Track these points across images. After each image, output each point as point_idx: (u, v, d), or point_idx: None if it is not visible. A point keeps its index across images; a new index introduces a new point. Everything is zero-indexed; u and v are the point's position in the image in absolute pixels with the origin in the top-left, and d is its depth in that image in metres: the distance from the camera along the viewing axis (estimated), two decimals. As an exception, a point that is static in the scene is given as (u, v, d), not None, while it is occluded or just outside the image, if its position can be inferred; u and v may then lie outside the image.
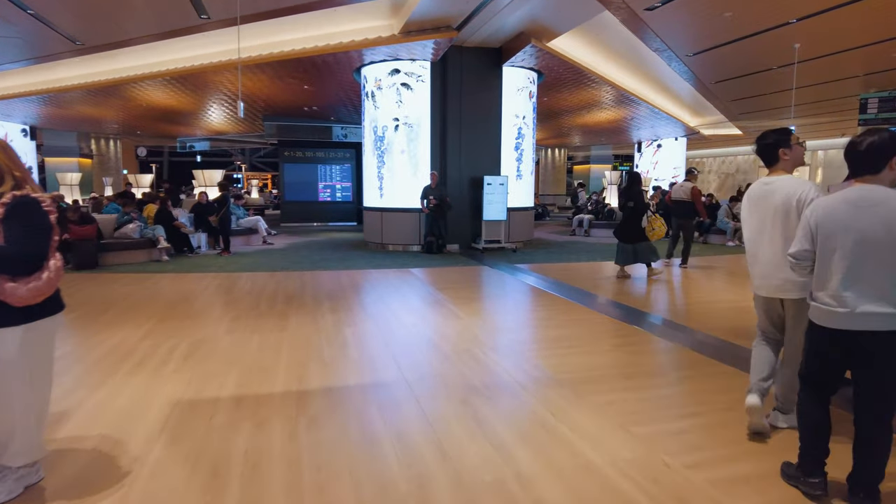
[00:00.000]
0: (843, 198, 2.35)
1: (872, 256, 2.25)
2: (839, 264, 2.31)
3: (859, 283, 2.27)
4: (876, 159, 2.32)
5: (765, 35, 10.91)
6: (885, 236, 2.23)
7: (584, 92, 15.85)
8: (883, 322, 2.23)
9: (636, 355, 4.71)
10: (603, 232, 15.48)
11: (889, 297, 2.23)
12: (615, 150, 31.10)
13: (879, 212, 2.25)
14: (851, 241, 2.28)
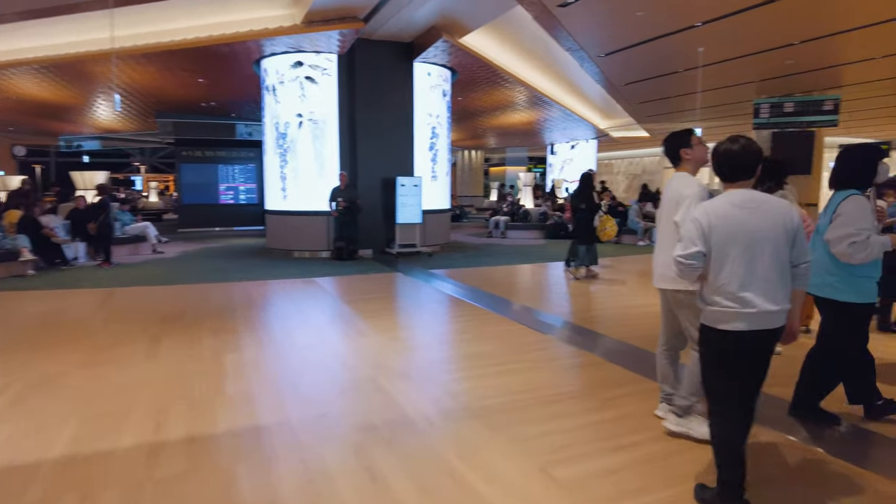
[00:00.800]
0: (730, 201, 2.40)
1: (764, 256, 2.31)
2: (736, 265, 2.33)
3: (757, 282, 2.31)
4: (753, 166, 2.43)
5: (672, 37, 11.01)
6: (772, 235, 2.32)
7: (498, 92, 15.60)
8: (779, 318, 2.34)
9: (560, 373, 4.26)
10: (519, 234, 15.30)
11: (780, 295, 2.33)
12: (530, 153, 31.45)
13: (763, 212, 2.34)
14: (745, 242, 2.33)
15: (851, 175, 3.17)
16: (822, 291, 3.21)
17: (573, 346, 5.00)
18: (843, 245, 3.00)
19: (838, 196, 3.17)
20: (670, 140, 3.19)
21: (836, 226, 3.08)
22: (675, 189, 3.05)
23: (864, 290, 3.10)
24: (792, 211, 2.36)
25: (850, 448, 3.07)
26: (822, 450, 2.99)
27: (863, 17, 9.99)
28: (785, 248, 2.32)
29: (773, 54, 12.38)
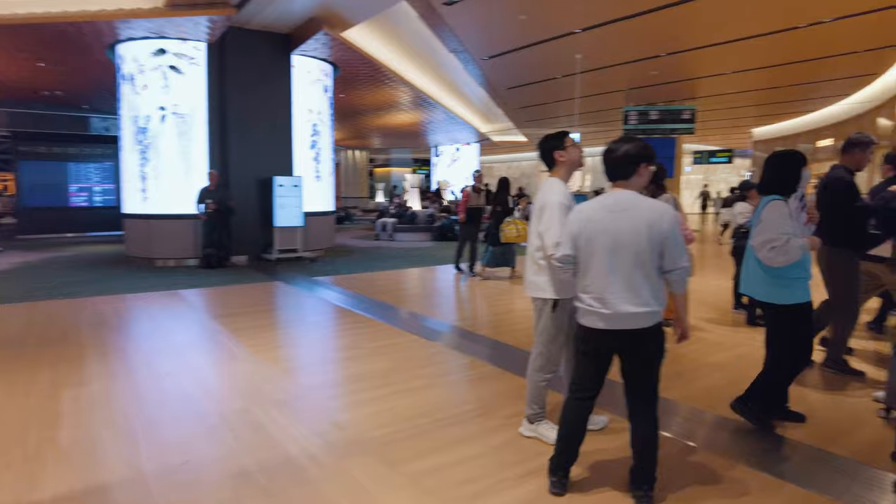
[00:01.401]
0: (601, 204, 2.46)
1: (627, 258, 2.35)
2: (599, 267, 2.41)
3: (617, 284, 2.36)
4: (628, 165, 2.45)
5: (553, 43, 11.28)
6: (634, 238, 2.34)
7: (382, 91, 15.20)
8: (641, 320, 2.36)
9: (458, 389, 3.98)
10: (407, 236, 15.02)
11: (643, 297, 2.35)
12: (415, 154, 31.34)
13: (629, 216, 2.37)
14: (608, 245, 2.38)
15: (778, 181, 3.24)
16: (761, 296, 3.27)
17: (469, 355, 4.75)
18: (765, 250, 3.07)
19: (763, 201, 3.23)
20: (544, 142, 3.10)
21: (757, 232, 3.16)
22: (542, 196, 3.02)
23: (798, 291, 3.17)
24: (663, 216, 2.34)
25: (799, 468, 3.07)
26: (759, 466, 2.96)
27: (717, 35, 10.85)
28: (650, 252, 2.33)
29: (641, 64, 13.14)
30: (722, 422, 3.43)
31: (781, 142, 21.34)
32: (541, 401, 3.15)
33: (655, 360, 2.44)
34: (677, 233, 2.35)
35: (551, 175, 3.11)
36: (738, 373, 4.38)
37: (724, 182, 33.32)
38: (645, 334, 2.38)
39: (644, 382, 2.46)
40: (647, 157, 2.47)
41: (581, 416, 2.57)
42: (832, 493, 2.61)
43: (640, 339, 2.38)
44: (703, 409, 3.62)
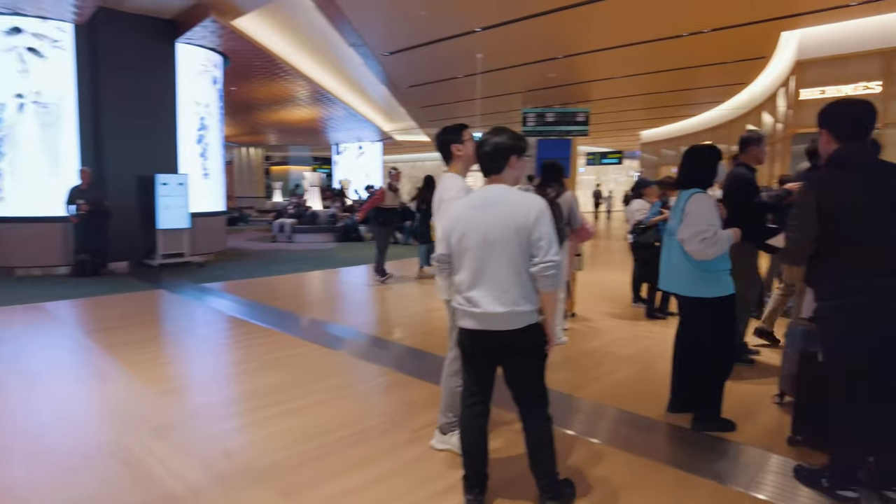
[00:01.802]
0: (470, 201, 2.38)
1: (494, 256, 2.26)
2: (469, 266, 2.31)
3: (486, 283, 2.28)
4: (498, 159, 2.36)
5: (454, 41, 11.22)
6: (502, 235, 2.24)
7: (277, 84, 14.49)
8: (511, 321, 2.25)
9: (364, 402, 3.71)
10: (307, 237, 14.41)
11: (512, 296, 2.25)
12: (315, 152, 30.40)
13: (497, 212, 2.27)
14: (476, 243, 2.28)
15: (697, 175, 3.26)
16: (686, 291, 3.23)
17: (376, 363, 4.49)
18: (695, 242, 3.04)
19: (684, 195, 3.23)
20: (442, 135, 2.98)
21: (685, 225, 3.11)
22: (439, 193, 2.91)
23: (723, 283, 3.18)
24: (530, 209, 2.24)
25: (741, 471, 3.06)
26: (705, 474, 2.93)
27: (608, 40, 11.31)
28: (518, 249, 2.24)
29: (539, 66, 13.44)
30: (629, 418, 3.43)
31: (666, 144, 22.84)
32: (456, 408, 2.95)
33: (533, 361, 2.35)
34: (546, 225, 2.24)
35: (449, 170, 2.98)
36: (644, 366, 4.46)
37: (614, 182, 35.32)
38: (518, 335, 2.27)
39: (527, 383, 2.37)
40: (517, 148, 2.37)
41: (476, 426, 2.42)
42: (738, 482, 2.64)
43: (514, 341, 2.28)
44: (612, 406, 3.60)
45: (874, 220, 2.32)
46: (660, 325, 5.91)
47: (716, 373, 3.24)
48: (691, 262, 3.15)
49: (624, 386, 4.03)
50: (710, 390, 3.24)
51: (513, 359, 2.34)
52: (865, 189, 2.35)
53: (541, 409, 2.37)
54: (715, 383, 3.25)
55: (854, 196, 2.36)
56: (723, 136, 18.26)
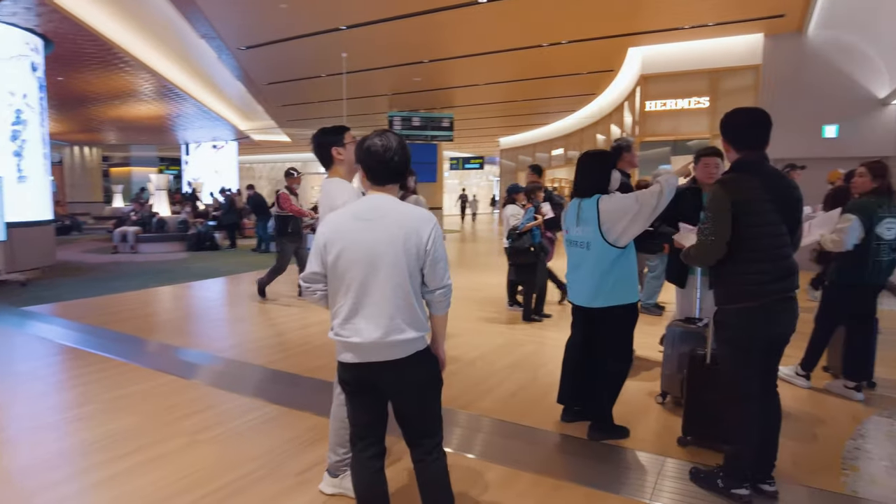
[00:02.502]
0: (354, 212, 2.02)
1: (380, 277, 1.93)
2: (348, 288, 1.97)
3: (367, 308, 1.95)
4: (405, 170, 2.10)
5: (317, 38, 10.70)
6: (391, 252, 1.93)
7: (116, 76, 12.89)
8: (397, 350, 1.96)
9: (235, 444, 3.21)
10: (154, 247, 12.95)
11: (396, 322, 1.94)
12: (161, 152, 27.74)
13: (384, 225, 1.95)
14: (358, 260, 1.95)
15: (599, 182, 3.16)
16: (605, 301, 3.10)
17: (245, 394, 3.97)
18: (654, 204, 2.96)
19: (589, 203, 3.11)
20: (320, 136, 2.70)
21: (622, 209, 3.00)
22: (326, 200, 2.57)
23: (633, 290, 3.13)
24: (423, 227, 1.95)
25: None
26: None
27: (470, 47, 11.49)
28: (406, 269, 1.94)
29: (406, 69, 13.33)
30: (529, 433, 3.32)
31: (523, 150, 23.94)
32: (348, 443, 2.62)
33: (427, 394, 2.08)
34: (441, 246, 2.00)
35: (331, 175, 2.68)
36: (531, 373, 4.43)
37: (475, 186, 36.46)
38: (405, 366, 1.99)
39: (418, 418, 2.08)
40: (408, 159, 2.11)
41: (370, 472, 2.09)
42: (643, 492, 2.62)
43: (401, 371, 1.99)
44: (509, 421, 3.48)
45: (772, 226, 2.44)
46: (537, 327, 5.99)
47: (617, 380, 3.23)
48: (611, 271, 3.06)
49: (516, 397, 3.95)
50: (606, 398, 3.22)
51: (403, 394, 2.05)
52: (765, 195, 2.44)
53: (435, 446, 2.09)
54: (614, 391, 3.24)
55: (758, 202, 2.44)
56: (574, 143, 19.50)
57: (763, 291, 2.43)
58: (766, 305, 2.44)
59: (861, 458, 3.01)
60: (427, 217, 2.00)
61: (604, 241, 3.04)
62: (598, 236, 3.05)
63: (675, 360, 3.56)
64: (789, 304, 2.48)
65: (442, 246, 2.00)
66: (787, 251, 2.47)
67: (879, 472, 2.87)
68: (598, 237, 3.06)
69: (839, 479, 2.80)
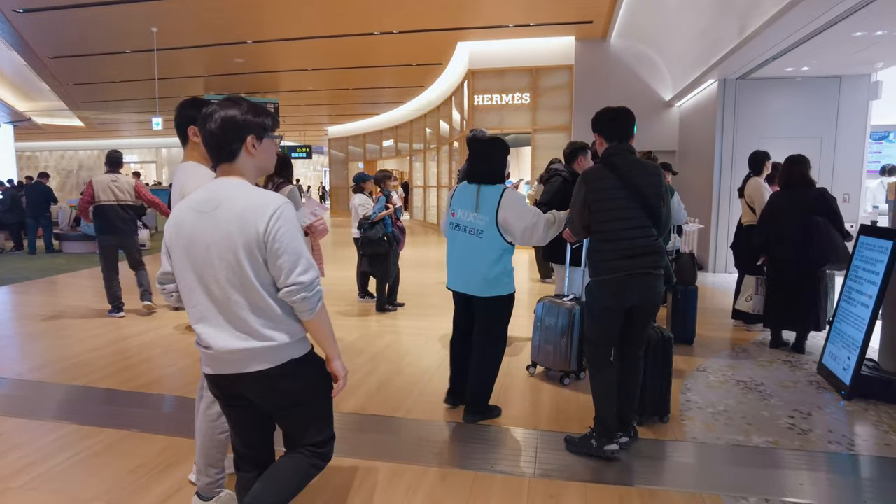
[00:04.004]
0: (192, 201, 1.72)
1: (221, 275, 1.66)
2: (193, 290, 1.71)
3: (214, 312, 1.69)
4: (229, 139, 1.70)
5: (121, 7, 9.38)
6: (227, 246, 1.64)
7: None
8: (255, 360, 1.69)
9: (69, 482, 2.65)
10: None
11: (250, 327, 1.68)
12: None
13: (221, 216, 1.65)
14: (200, 259, 1.68)
15: (499, 168, 3.18)
16: (484, 291, 3.12)
17: (69, 422, 3.31)
18: (541, 231, 3.06)
19: (493, 190, 3.10)
20: (177, 112, 2.38)
21: (520, 217, 3.05)
22: (177, 188, 2.28)
23: (511, 282, 3.20)
24: (260, 213, 1.64)
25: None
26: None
27: (300, 29, 10.98)
28: (249, 263, 1.65)
29: (225, 49, 12.32)
30: (407, 425, 3.26)
31: (352, 140, 23.63)
32: (220, 462, 2.34)
33: (303, 407, 1.82)
34: (286, 234, 1.65)
35: (185, 159, 2.38)
36: (395, 364, 4.35)
37: (303, 176, 35.28)
38: (268, 377, 1.71)
39: (297, 438, 1.86)
40: (258, 126, 1.73)
41: None
42: (512, 468, 2.70)
43: (265, 384, 1.73)
44: (385, 416, 3.38)
45: (621, 211, 2.71)
46: (392, 317, 5.94)
47: (495, 363, 3.30)
48: (491, 263, 3.10)
49: (384, 390, 3.85)
50: (486, 381, 3.29)
51: (274, 410, 1.81)
52: (619, 183, 2.70)
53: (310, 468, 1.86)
54: (493, 374, 3.32)
55: (610, 190, 2.72)
56: (404, 135, 19.73)
57: (615, 267, 2.70)
58: (621, 279, 2.70)
59: (692, 409, 3.46)
60: (266, 202, 1.65)
61: (498, 232, 3.08)
62: (494, 226, 3.08)
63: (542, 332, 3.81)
64: (642, 279, 2.72)
65: (289, 236, 1.65)
66: (636, 233, 2.71)
67: (707, 419, 3.32)
68: (493, 227, 3.08)
69: (682, 428, 3.19)
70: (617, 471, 2.72)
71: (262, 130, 1.73)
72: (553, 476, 2.67)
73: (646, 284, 2.74)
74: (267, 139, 1.76)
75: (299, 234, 1.69)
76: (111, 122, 22.40)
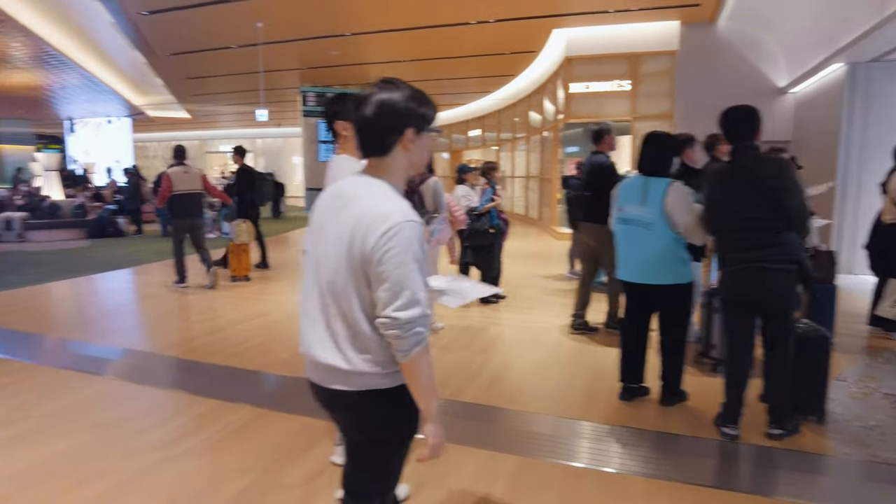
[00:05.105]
0: (332, 190, 1.55)
1: (324, 280, 1.47)
2: (308, 281, 1.54)
3: (313, 313, 1.51)
4: (385, 130, 1.44)
5: (231, 5, 9.88)
6: (332, 254, 1.45)
7: (-14, 39, 11.24)
8: (339, 379, 1.47)
9: (209, 455, 2.86)
10: (46, 234, 11.51)
11: (341, 346, 1.45)
12: (38, 128, 24.75)
13: (343, 216, 1.45)
14: (318, 251, 1.51)
15: (666, 163, 3.26)
16: (668, 279, 3.22)
17: (211, 398, 3.54)
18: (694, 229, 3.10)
19: (660, 183, 3.17)
20: (326, 108, 2.44)
21: (683, 212, 3.10)
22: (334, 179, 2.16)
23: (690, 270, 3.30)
24: (374, 226, 1.38)
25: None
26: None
27: (398, 21, 11.12)
28: (352, 278, 1.42)
29: (324, 42, 12.70)
30: (565, 425, 3.25)
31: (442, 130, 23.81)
32: None
33: (379, 445, 1.54)
34: (393, 260, 1.36)
35: (338, 152, 2.45)
36: (511, 356, 4.34)
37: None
38: (351, 400, 1.48)
39: (355, 477, 1.61)
40: (418, 117, 1.46)
41: None
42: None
43: (347, 407, 1.52)
44: (546, 414, 3.39)
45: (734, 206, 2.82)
46: (493, 309, 5.93)
47: (681, 349, 3.36)
48: (673, 250, 3.18)
49: (504, 383, 3.85)
50: (675, 367, 3.37)
51: (350, 432, 1.60)
52: (741, 180, 2.80)
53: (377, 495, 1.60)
54: (680, 359, 3.36)
55: (729, 185, 2.87)
56: (491, 124, 19.61)
57: (732, 259, 2.89)
58: (736, 272, 2.88)
59: (838, 421, 3.21)
60: (386, 214, 1.38)
61: (666, 224, 3.14)
62: (661, 218, 3.14)
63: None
64: (757, 273, 2.79)
65: (397, 262, 1.35)
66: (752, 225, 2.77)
67: (857, 434, 3.07)
68: (661, 219, 3.15)
69: (830, 441, 2.97)
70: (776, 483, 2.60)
71: (422, 123, 1.47)
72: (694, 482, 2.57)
73: (760, 278, 2.78)
74: (426, 133, 1.49)
75: (412, 261, 1.38)
76: (212, 114, 23.77)
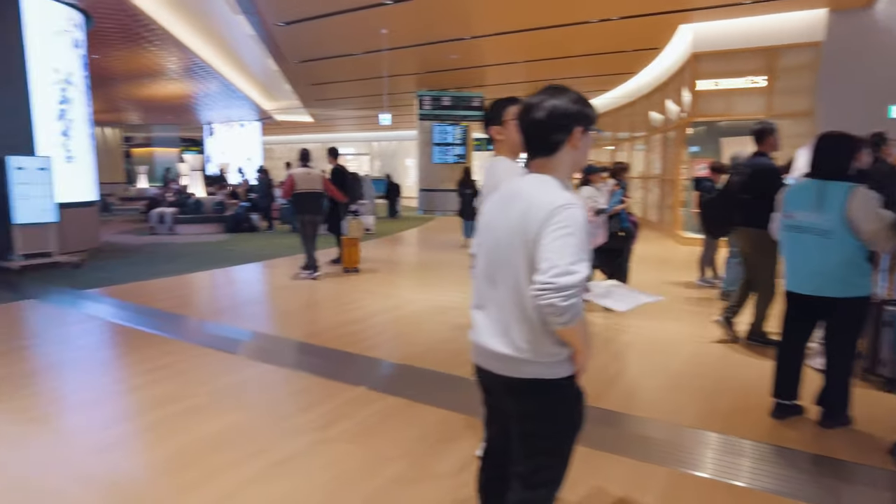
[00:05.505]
0: (500, 193, 1.70)
1: (500, 274, 1.60)
2: (480, 277, 1.69)
3: (489, 306, 1.65)
4: (554, 130, 1.57)
5: (359, 14, 10.38)
6: (506, 243, 1.58)
7: (145, 53, 12.68)
8: (509, 366, 1.59)
9: (362, 440, 3.02)
10: (192, 229, 12.76)
11: (511, 335, 1.57)
12: (183, 132, 27.52)
13: (511, 211, 1.58)
14: (488, 249, 1.66)
15: (845, 166, 2.99)
16: (847, 292, 2.93)
17: (357, 385, 3.74)
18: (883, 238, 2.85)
19: (839, 188, 2.89)
20: (486, 114, 2.49)
21: (869, 219, 2.81)
22: (491, 181, 2.30)
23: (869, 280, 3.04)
24: (541, 212, 1.49)
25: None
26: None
27: (516, 22, 11.10)
28: (523, 269, 1.53)
29: (444, 46, 12.96)
30: (728, 443, 3.12)
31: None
32: None
33: (538, 435, 1.63)
34: (554, 231, 1.46)
35: (497, 154, 2.48)
36: (638, 368, 4.21)
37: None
38: (518, 388, 1.59)
39: (521, 461, 1.67)
40: (584, 117, 1.58)
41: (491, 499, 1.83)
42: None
43: (514, 394, 1.63)
44: (693, 427, 3.28)
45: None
46: (616, 315, 5.74)
47: (850, 367, 3.09)
48: (853, 263, 2.90)
49: (648, 391, 3.74)
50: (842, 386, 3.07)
51: (513, 418, 1.68)
52: None
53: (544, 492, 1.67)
54: (848, 378, 3.08)
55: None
56: (608, 124, 19.03)
57: None
58: None
59: None
60: (550, 200, 1.50)
61: (848, 232, 2.85)
62: (843, 226, 2.86)
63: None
64: None
65: (563, 234, 1.45)
66: None
67: None
68: (841, 226, 2.86)
69: None
70: None
71: (588, 122, 1.59)
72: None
73: None
74: (591, 132, 1.61)
75: (574, 236, 1.46)
76: (333, 118, 25.08)
